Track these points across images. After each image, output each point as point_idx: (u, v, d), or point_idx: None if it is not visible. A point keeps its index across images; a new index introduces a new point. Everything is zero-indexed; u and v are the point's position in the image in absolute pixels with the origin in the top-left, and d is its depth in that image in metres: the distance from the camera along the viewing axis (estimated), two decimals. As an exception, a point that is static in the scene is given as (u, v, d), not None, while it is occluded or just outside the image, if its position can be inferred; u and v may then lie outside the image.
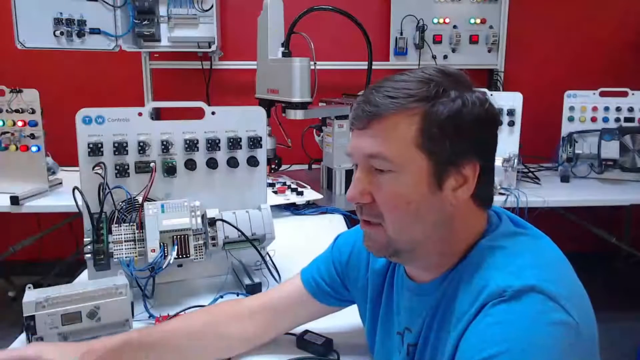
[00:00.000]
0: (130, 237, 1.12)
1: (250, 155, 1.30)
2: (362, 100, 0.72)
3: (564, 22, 3.00)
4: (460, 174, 0.70)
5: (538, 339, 0.59)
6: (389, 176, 0.70)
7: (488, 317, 0.63)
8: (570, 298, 0.63)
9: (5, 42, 2.38)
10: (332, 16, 2.05)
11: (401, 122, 0.69)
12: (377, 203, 0.71)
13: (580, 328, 0.61)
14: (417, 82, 0.70)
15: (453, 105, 0.68)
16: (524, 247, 0.70)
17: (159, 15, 2.53)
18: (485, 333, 0.62)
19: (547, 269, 0.66)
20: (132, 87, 2.77)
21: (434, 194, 0.69)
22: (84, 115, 1.14)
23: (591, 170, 2.48)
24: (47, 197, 2.12)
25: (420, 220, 0.71)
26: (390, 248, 0.74)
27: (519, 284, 0.62)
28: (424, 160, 0.68)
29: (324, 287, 0.97)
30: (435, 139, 0.68)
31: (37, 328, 0.93)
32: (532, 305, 0.61)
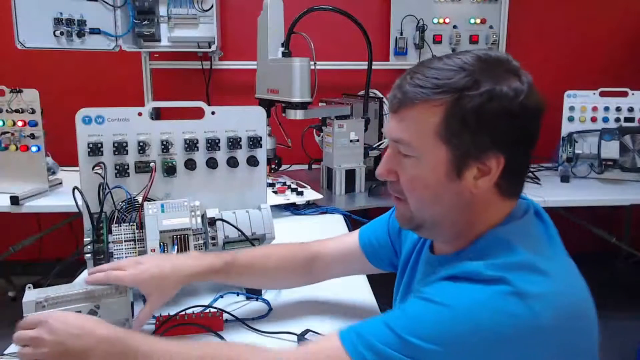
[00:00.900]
0: (130, 237, 1.12)
1: (250, 155, 1.30)
2: (397, 85, 0.76)
3: (563, 22, 3.00)
4: (484, 165, 0.71)
5: (481, 317, 0.63)
6: (411, 160, 0.74)
7: (450, 281, 0.69)
8: (548, 301, 0.63)
9: (5, 42, 2.38)
10: (332, 16, 2.05)
11: (425, 112, 0.71)
12: (400, 182, 0.77)
13: (545, 330, 0.62)
14: (448, 71, 0.70)
15: (479, 99, 0.68)
16: (529, 244, 0.71)
17: (159, 15, 2.53)
18: (442, 287, 0.69)
19: (539, 271, 0.67)
20: (132, 87, 2.77)
21: (452, 181, 0.72)
22: (84, 115, 1.14)
23: (591, 170, 2.48)
24: (47, 197, 2.12)
25: (437, 203, 0.75)
26: (413, 222, 0.80)
27: (491, 274, 0.66)
28: (443, 150, 0.71)
29: (376, 248, 1.06)
30: (455, 131, 0.70)
31: (37, 328, 0.93)
32: (492, 291, 0.64)
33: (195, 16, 2.55)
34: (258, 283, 1.12)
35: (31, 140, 2.10)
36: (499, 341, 0.62)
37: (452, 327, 0.63)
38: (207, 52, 2.66)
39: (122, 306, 1.00)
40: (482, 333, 0.62)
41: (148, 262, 0.98)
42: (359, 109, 2.24)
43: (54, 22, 2.33)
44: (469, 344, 0.63)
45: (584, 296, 0.70)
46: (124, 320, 1.01)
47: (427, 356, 0.63)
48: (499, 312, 0.63)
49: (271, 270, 1.08)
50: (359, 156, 2.18)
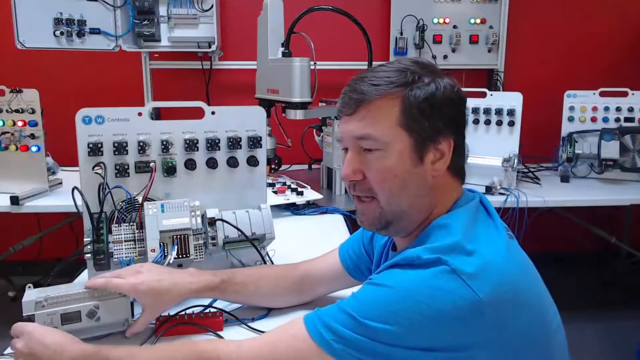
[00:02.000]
0: (130, 237, 1.12)
1: (250, 155, 1.30)
2: (349, 89, 0.83)
3: (564, 22, 3.00)
4: (437, 149, 0.80)
5: (417, 293, 0.70)
6: (377, 154, 0.80)
7: (394, 268, 0.75)
8: (483, 279, 0.70)
9: (5, 42, 2.38)
10: (332, 16, 2.05)
11: (385, 105, 0.79)
12: (368, 179, 0.82)
13: (484, 308, 0.68)
14: (395, 71, 0.80)
15: (428, 88, 0.79)
16: (465, 229, 0.77)
17: (159, 15, 2.53)
18: (387, 272, 0.75)
19: (473, 252, 0.73)
20: (132, 87, 2.77)
21: (415, 167, 0.80)
22: (84, 115, 1.14)
23: (591, 170, 2.48)
24: (47, 197, 2.12)
25: (406, 191, 0.80)
26: (382, 220, 0.83)
27: (428, 257, 0.72)
28: (406, 137, 0.79)
29: (355, 261, 1.09)
30: (415, 118, 0.78)
31: (37, 328, 0.93)
32: (430, 271, 0.71)
33: (195, 16, 2.55)
34: (253, 302, 1.13)
35: (31, 140, 2.10)
36: (439, 317, 0.68)
37: (396, 306, 0.70)
38: (207, 52, 2.66)
39: (122, 306, 1.00)
40: (424, 310, 0.68)
41: (148, 273, 1.00)
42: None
43: (54, 22, 2.33)
44: (413, 321, 0.69)
45: (521, 274, 0.76)
46: (123, 321, 1.01)
47: (378, 334, 0.70)
48: (437, 289, 0.69)
49: (264, 291, 1.11)
50: (359, 156, 2.18)
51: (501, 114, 2.33)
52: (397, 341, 0.70)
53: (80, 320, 0.96)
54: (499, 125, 2.33)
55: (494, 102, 2.31)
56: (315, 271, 1.13)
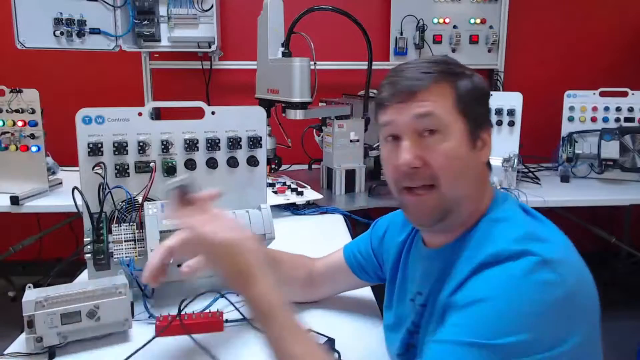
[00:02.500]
0: (130, 237, 1.12)
1: (250, 155, 1.30)
2: (397, 80, 0.80)
3: (564, 22, 3.00)
4: (482, 138, 0.81)
5: (524, 293, 0.65)
6: (438, 137, 0.77)
7: (483, 274, 0.70)
8: (567, 265, 0.68)
9: (5, 42, 2.38)
10: (332, 16, 2.05)
11: (441, 90, 0.78)
12: (431, 163, 0.77)
13: (575, 292, 0.67)
14: (439, 63, 0.81)
15: (472, 79, 0.81)
16: (527, 220, 0.78)
17: (159, 15, 2.53)
18: (478, 284, 0.70)
19: (545, 239, 0.72)
20: (132, 87, 2.77)
21: (472, 152, 0.79)
22: (84, 115, 1.14)
23: (591, 170, 2.48)
24: (47, 197, 2.12)
25: (466, 175, 0.79)
26: (441, 208, 0.79)
27: (514, 249, 0.69)
28: (462, 122, 0.78)
29: (361, 261, 1.08)
30: (468, 104, 0.79)
31: (37, 327, 0.93)
32: (524, 265, 0.67)
33: (195, 16, 2.55)
34: None
35: (31, 140, 2.10)
36: (550, 310, 0.65)
37: (513, 312, 0.65)
38: (207, 52, 2.66)
39: (122, 306, 1.00)
40: (537, 307, 0.65)
41: None
42: (359, 109, 2.24)
43: (54, 22, 2.33)
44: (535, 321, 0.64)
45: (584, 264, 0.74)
46: (123, 321, 1.01)
47: (515, 348, 0.64)
48: (538, 283, 0.66)
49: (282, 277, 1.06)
50: (359, 156, 2.18)
51: (501, 114, 2.33)
52: (533, 348, 0.64)
53: (80, 320, 0.96)
54: (499, 125, 2.33)
55: (494, 102, 2.31)
56: (320, 267, 1.13)
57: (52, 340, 0.95)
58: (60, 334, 0.95)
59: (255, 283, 0.73)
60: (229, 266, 0.75)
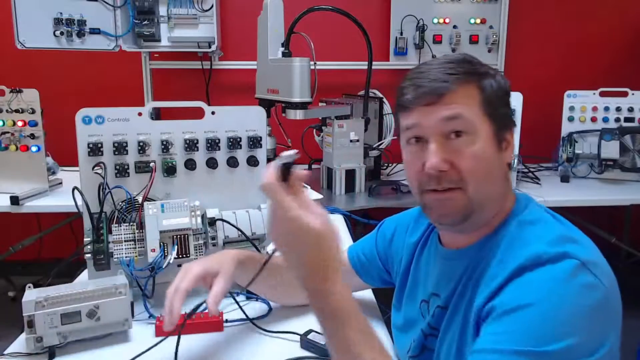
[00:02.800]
0: (130, 237, 1.12)
1: (250, 155, 1.30)
2: (422, 81, 0.78)
3: (564, 22, 3.00)
4: (506, 139, 0.80)
5: (569, 296, 0.65)
6: (467, 139, 0.76)
7: (524, 278, 0.69)
8: (601, 267, 0.69)
9: (5, 42, 2.38)
10: (332, 16, 2.05)
11: (468, 92, 0.77)
12: (458, 166, 0.77)
13: (609, 294, 0.68)
14: (462, 62, 0.79)
15: (496, 79, 0.80)
16: (557, 222, 0.78)
17: (159, 15, 2.53)
18: (520, 289, 0.68)
19: (578, 241, 0.72)
20: (132, 87, 2.77)
21: (498, 153, 0.79)
22: (84, 115, 1.14)
23: (591, 170, 2.48)
24: (47, 197, 2.12)
25: (492, 177, 0.79)
26: (467, 210, 0.78)
27: (554, 251, 0.69)
28: (488, 124, 0.78)
29: (366, 264, 1.08)
30: (494, 105, 0.78)
31: (37, 327, 0.93)
32: (565, 268, 0.67)
33: (195, 16, 2.55)
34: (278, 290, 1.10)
35: (31, 140, 2.10)
36: (591, 313, 0.65)
37: (559, 317, 0.64)
38: (207, 52, 2.66)
39: (122, 306, 1.00)
40: (578, 307, 0.65)
41: None
42: (359, 109, 2.24)
43: (54, 22, 2.33)
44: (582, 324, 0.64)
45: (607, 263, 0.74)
46: (123, 321, 1.01)
47: (566, 354, 0.62)
48: (580, 285, 0.66)
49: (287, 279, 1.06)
50: (359, 156, 2.18)
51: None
52: (579, 353, 0.63)
53: (80, 320, 0.96)
54: None
55: None
56: None
57: (52, 340, 0.95)
58: (60, 334, 0.95)
59: (336, 280, 0.70)
60: (315, 257, 0.69)
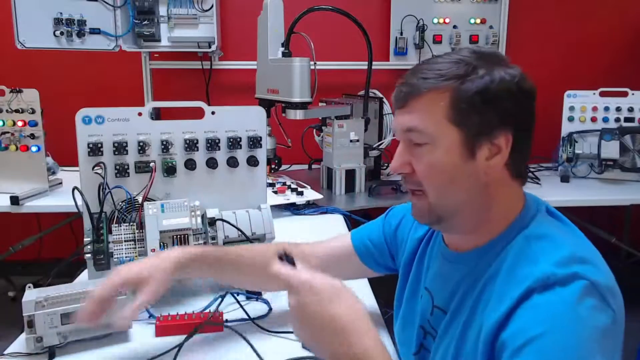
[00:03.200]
0: (130, 237, 1.12)
1: (250, 155, 1.30)
2: (401, 82, 0.80)
3: (564, 22, 3.00)
4: (493, 144, 0.75)
5: (580, 321, 0.63)
6: (425, 148, 0.76)
7: (532, 301, 0.67)
8: (609, 288, 0.68)
9: (5, 42, 2.38)
10: (332, 16, 2.05)
11: (433, 99, 0.75)
12: (416, 172, 0.78)
13: (616, 317, 0.67)
14: (448, 63, 0.76)
15: (480, 81, 0.74)
16: (566, 237, 0.75)
17: (159, 15, 2.53)
18: (530, 316, 0.66)
19: (588, 260, 0.70)
20: (132, 87, 2.77)
21: (466, 163, 0.75)
22: (83, 115, 1.14)
23: (591, 170, 2.48)
24: (47, 197, 2.12)
25: (455, 187, 0.77)
26: (432, 215, 0.80)
27: (564, 272, 0.67)
28: (454, 132, 0.75)
29: (371, 249, 1.06)
30: (464, 113, 0.74)
31: (37, 327, 0.93)
32: (575, 290, 0.65)
33: (195, 16, 2.55)
34: (247, 279, 1.07)
35: (31, 140, 2.10)
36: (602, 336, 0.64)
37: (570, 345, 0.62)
38: (207, 52, 2.66)
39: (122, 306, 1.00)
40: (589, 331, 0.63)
41: None
42: (359, 109, 2.25)
43: (54, 22, 2.33)
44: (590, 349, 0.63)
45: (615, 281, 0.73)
46: (124, 320, 1.01)
47: None
48: (590, 308, 0.64)
49: (259, 264, 1.02)
50: (359, 156, 2.18)
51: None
52: None
53: (80, 320, 0.96)
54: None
55: None
56: (320, 254, 1.08)
57: (52, 340, 0.95)
58: (60, 334, 0.95)
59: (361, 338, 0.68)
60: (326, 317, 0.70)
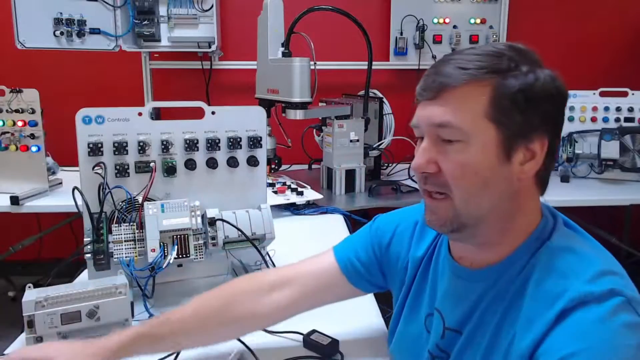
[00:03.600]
0: (130, 237, 1.12)
1: (250, 155, 1.30)
2: (432, 71, 0.72)
3: (563, 22, 3.00)
4: (528, 149, 0.70)
5: (616, 339, 0.60)
6: (458, 146, 0.69)
7: (569, 320, 0.63)
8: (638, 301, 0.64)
9: (5, 42, 2.38)
10: (332, 16, 2.05)
11: (472, 92, 0.69)
12: (444, 172, 0.71)
13: None
14: (488, 55, 0.70)
15: (525, 79, 0.69)
16: (592, 250, 0.71)
17: (159, 15, 2.53)
18: (566, 334, 0.62)
19: (618, 274, 0.67)
20: (132, 87, 2.77)
21: (502, 165, 0.69)
22: (84, 115, 1.14)
23: (591, 170, 2.48)
24: (47, 197, 2.12)
25: (487, 192, 0.70)
26: (455, 222, 0.72)
27: (600, 290, 0.63)
28: (493, 131, 0.68)
29: (360, 269, 0.94)
30: (505, 110, 0.68)
31: (37, 327, 0.93)
32: (611, 307, 0.62)
33: (195, 16, 2.55)
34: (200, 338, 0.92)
35: (31, 140, 2.10)
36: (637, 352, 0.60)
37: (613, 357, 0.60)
38: (207, 52, 2.66)
39: (122, 306, 1.00)
40: (626, 349, 0.60)
41: None
42: (359, 109, 2.25)
43: (54, 22, 2.33)
44: None
45: None
46: (123, 321, 1.01)
47: None
48: (627, 326, 0.61)
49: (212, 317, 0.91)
50: (359, 156, 2.18)
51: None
52: None
53: (80, 320, 0.96)
54: None
55: None
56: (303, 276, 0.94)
57: (52, 340, 0.95)
58: (60, 334, 0.95)
59: None
60: None
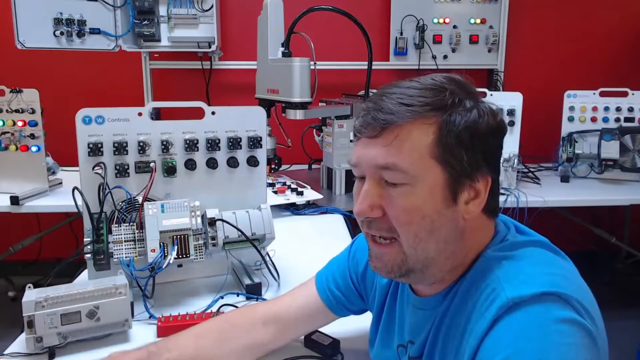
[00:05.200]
0: (130, 237, 1.12)
1: (250, 155, 1.30)
2: (373, 107, 0.68)
3: (563, 22, 3.00)
4: (472, 188, 0.68)
5: (549, 337, 0.57)
6: (403, 189, 0.66)
7: (499, 327, 0.61)
8: (583, 304, 0.61)
9: (5, 42, 2.38)
10: (332, 16, 2.05)
11: (416, 131, 0.65)
12: (390, 217, 0.67)
13: (594, 335, 0.59)
14: (430, 90, 0.67)
15: (470, 115, 0.66)
16: (532, 256, 0.68)
17: (159, 15, 2.53)
18: (495, 341, 0.60)
19: (557, 276, 0.64)
20: (132, 87, 2.77)
21: (448, 207, 0.66)
22: (84, 115, 1.14)
23: (591, 170, 2.48)
24: (47, 197, 2.12)
25: (434, 235, 0.67)
26: (403, 267, 0.69)
27: (530, 292, 0.60)
28: (439, 171, 0.65)
29: (340, 298, 0.94)
30: (451, 149, 0.65)
31: (37, 327, 0.93)
32: (543, 307, 0.59)
33: (195, 16, 2.55)
34: None
35: (31, 140, 2.10)
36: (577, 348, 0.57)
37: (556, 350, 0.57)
38: (207, 52, 2.66)
39: (122, 306, 1.00)
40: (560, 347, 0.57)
41: None
42: (359, 109, 2.24)
43: (54, 22, 2.33)
44: None
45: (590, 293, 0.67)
46: (123, 321, 1.01)
47: None
48: (564, 321, 0.58)
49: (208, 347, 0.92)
50: (359, 156, 2.18)
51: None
52: None
53: (80, 320, 0.97)
54: None
55: (494, 102, 2.21)
56: (288, 311, 0.96)
57: (52, 340, 0.95)
58: (60, 334, 0.95)
59: None
60: None
